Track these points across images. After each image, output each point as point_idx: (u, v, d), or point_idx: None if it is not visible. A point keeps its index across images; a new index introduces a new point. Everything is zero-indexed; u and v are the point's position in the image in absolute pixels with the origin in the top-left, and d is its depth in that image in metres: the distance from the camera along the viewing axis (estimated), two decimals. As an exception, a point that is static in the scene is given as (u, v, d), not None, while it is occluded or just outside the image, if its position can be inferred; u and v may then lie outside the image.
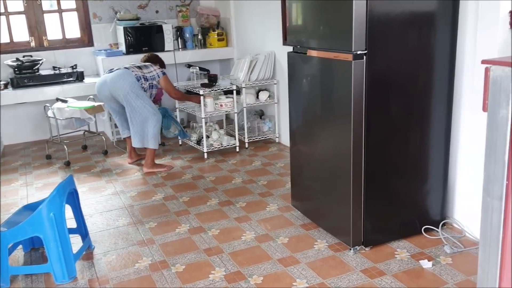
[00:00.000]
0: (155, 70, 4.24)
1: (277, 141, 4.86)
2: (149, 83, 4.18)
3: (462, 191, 2.90)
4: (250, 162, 4.34)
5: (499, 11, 2.48)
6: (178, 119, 5.09)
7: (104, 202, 3.64)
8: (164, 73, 4.28)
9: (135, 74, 4.06)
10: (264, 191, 3.66)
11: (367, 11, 2.42)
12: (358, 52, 2.47)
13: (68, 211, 2.74)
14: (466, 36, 2.70)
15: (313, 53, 2.79)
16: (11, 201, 3.70)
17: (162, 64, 4.49)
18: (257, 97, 4.76)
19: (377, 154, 2.66)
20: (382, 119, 2.64)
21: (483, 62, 1.19)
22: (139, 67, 4.19)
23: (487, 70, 1.14)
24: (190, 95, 4.52)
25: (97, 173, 4.28)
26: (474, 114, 2.70)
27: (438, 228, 2.86)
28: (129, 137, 4.29)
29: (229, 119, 5.42)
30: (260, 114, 5.06)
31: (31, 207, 2.70)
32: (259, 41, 4.98)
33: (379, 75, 2.57)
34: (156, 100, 5.54)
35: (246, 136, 4.69)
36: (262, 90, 4.79)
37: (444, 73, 2.73)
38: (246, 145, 4.71)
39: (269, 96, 4.73)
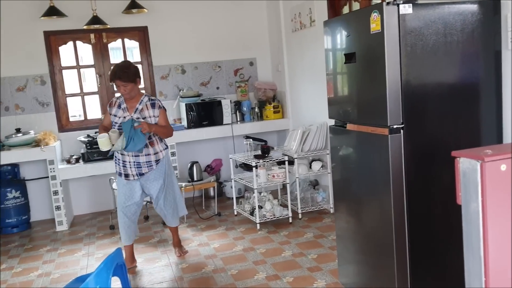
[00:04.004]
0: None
1: (331, 211, 4.79)
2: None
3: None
4: (302, 233, 4.29)
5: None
6: (235, 190, 5.18)
7: (156, 273, 3.73)
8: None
9: None
10: (313, 266, 3.58)
11: (402, 85, 2.44)
12: (395, 126, 2.46)
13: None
14: (512, 106, 2.60)
15: (351, 126, 2.81)
16: (71, 271, 3.90)
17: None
18: (310, 167, 4.78)
19: (422, 228, 2.56)
20: (425, 192, 2.56)
21: (453, 154, 1.16)
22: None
23: (456, 162, 1.11)
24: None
25: (154, 243, 4.43)
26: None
27: (496, 311, 2.63)
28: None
29: (285, 188, 5.45)
30: (314, 184, 5.04)
31: (81, 279, 2.83)
32: (312, 113, 5.07)
33: (420, 148, 2.52)
34: (216, 171, 5.74)
35: (299, 206, 4.67)
36: (315, 160, 4.81)
37: (491, 143, 2.62)
38: (300, 216, 4.68)
39: (322, 166, 4.73)
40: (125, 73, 3.58)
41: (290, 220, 4.60)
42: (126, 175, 3.77)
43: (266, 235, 4.33)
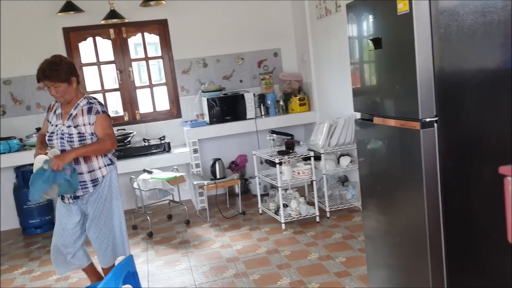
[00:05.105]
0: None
1: (362, 209, 4.50)
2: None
3: None
4: (330, 234, 4.03)
5: None
6: (260, 187, 4.96)
7: (175, 277, 3.56)
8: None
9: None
10: (341, 270, 3.32)
11: (435, 72, 2.15)
12: (427, 120, 2.18)
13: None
14: None
15: (378, 120, 2.54)
16: (90, 274, 3.78)
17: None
18: (338, 162, 4.50)
19: (460, 231, 2.28)
20: (463, 191, 2.26)
21: (501, 171, 0.88)
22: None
23: (506, 183, 0.84)
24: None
25: (175, 245, 4.26)
26: None
27: (549, 326, 2.31)
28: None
29: (312, 185, 5.18)
30: (343, 180, 4.77)
31: (91, 288, 2.69)
32: (340, 104, 4.78)
33: (457, 144, 2.23)
34: (240, 167, 5.54)
35: (327, 205, 4.41)
36: (344, 155, 4.52)
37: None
38: (328, 215, 4.42)
39: (351, 161, 4.45)
40: (54, 71, 2.91)
41: (318, 219, 4.34)
42: (62, 197, 3.10)
43: (291, 236, 4.09)
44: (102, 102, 3.08)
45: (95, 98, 3.09)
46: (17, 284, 3.77)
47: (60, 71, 2.92)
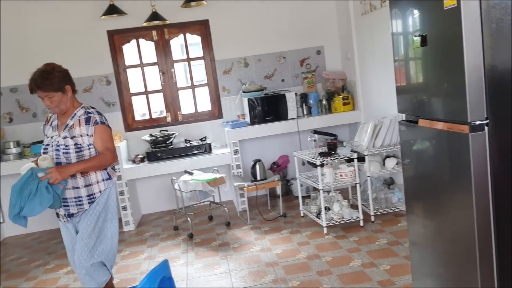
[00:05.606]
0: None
1: (406, 214, 4.29)
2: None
3: None
4: (374, 239, 3.86)
5: None
6: (301, 188, 4.85)
7: (213, 281, 3.52)
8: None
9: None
10: (385, 279, 3.16)
11: (485, 71, 1.98)
12: (477, 123, 2.01)
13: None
14: None
15: (424, 122, 2.38)
16: (131, 276, 3.80)
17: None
18: (384, 164, 4.32)
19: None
20: (519, 202, 2.08)
21: None
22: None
23: None
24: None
25: (215, 247, 4.23)
26: None
27: None
28: None
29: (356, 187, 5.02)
30: (389, 183, 4.57)
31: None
32: (385, 103, 4.59)
33: (511, 148, 2.05)
34: (282, 168, 5.44)
35: (371, 208, 4.23)
36: (389, 156, 4.33)
37: None
38: (372, 219, 4.25)
39: (397, 163, 4.25)
40: (46, 80, 2.73)
41: (362, 223, 4.17)
42: (57, 214, 2.91)
43: (333, 240, 3.96)
44: (102, 112, 2.95)
45: (93, 108, 2.94)
46: (61, 283, 3.85)
47: (53, 80, 2.75)
